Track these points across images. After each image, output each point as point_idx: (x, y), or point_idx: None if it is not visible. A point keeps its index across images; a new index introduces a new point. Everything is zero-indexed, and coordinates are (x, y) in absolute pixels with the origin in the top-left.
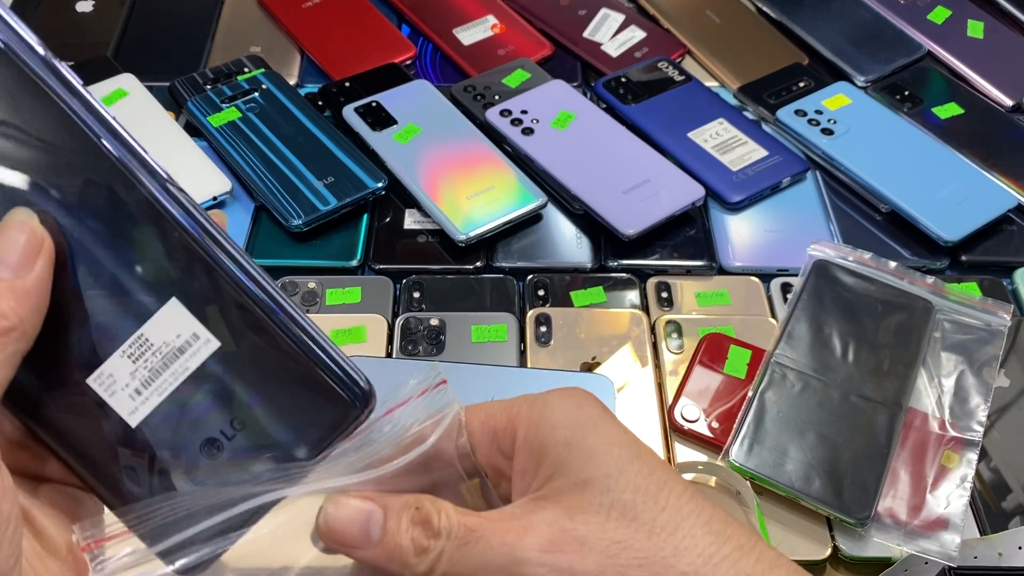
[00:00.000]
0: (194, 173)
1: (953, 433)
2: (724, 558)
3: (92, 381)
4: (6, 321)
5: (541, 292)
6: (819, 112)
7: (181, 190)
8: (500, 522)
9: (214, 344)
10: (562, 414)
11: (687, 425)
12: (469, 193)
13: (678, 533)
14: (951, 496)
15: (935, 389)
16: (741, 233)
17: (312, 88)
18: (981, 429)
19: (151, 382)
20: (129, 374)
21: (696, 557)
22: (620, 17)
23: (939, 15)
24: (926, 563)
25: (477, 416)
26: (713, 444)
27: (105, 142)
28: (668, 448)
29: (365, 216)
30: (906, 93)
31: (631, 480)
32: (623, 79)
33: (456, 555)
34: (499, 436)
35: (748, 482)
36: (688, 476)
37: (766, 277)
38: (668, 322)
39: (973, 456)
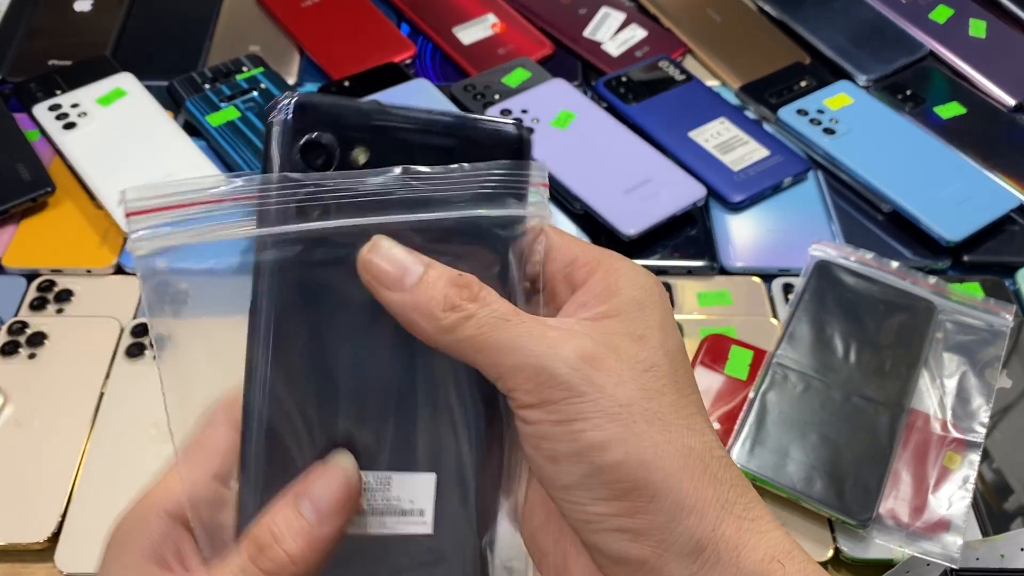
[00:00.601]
0: (192, 173)
1: (955, 434)
2: (720, 457)
3: None
4: (293, 567)
5: None
6: (821, 112)
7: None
8: (547, 322)
9: (426, 530)
10: (645, 281)
11: None
12: None
13: (694, 417)
14: (953, 497)
15: (937, 390)
16: (742, 233)
17: (311, 87)
18: (983, 430)
19: (363, 516)
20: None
21: (702, 442)
22: (621, 16)
23: (941, 14)
24: (928, 564)
25: (563, 238)
26: None
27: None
28: None
29: None
30: (908, 92)
31: (674, 361)
32: (624, 78)
33: (488, 324)
34: (576, 266)
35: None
36: None
37: (767, 277)
38: None
39: (975, 457)
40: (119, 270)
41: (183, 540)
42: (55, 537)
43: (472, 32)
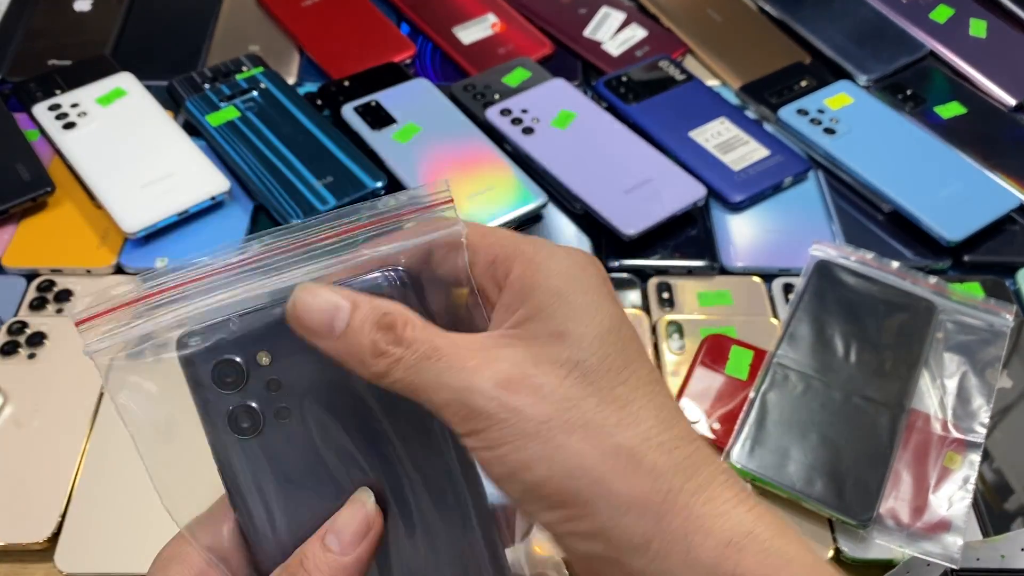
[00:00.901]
0: (193, 173)
1: (956, 435)
2: (661, 444)
3: None
4: None
5: None
6: (821, 111)
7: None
8: (465, 348)
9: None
10: (563, 266)
11: None
12: (469, 193)
13: (627, 408)
14: (953, 498)
15: (937, 390)
16: (743, 233)
17: (311, 87)
18: (983, 431)
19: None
20: None
21: (635, 435)
22: (621, 16)
23: (941, 14)
24: (928, 565)
25: (484, 238)
26: (714, 445)
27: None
28: None
29: None
30: (908, 92)
31: (601, 347)
32: (624, 78)
33: (414, 366)
34: (497, 264)
35: (749, 484)
36: None
37: (768, 277)
38: (669, 322)
39: (976, 457)
40: (119, 270)
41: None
42: (55, 537)
43: (472, 32)
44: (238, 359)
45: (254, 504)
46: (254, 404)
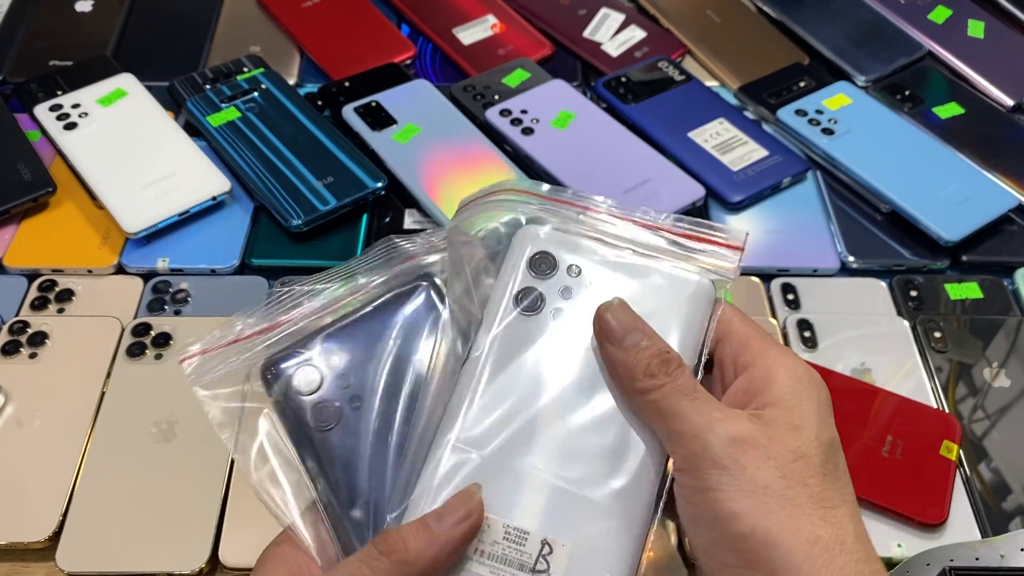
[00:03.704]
0: (193, 173)
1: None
2: (852, 551)
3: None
4: (408, 557)
5: None
6: (819, 112)
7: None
8: (715, 402)
9: None
10: (803, 373)
11: None
12: (469, 193)
13: (833, 511)
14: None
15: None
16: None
17: (312, 88)
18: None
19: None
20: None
21: (834, 535)
22: (620, 17)
23: (940, 15)
24: (928, 564)
25: (740, 319)
26: None
27: None
28: None
29: (365, 216)
30: (907, 93)
31: (824, 454)
32: (623, 79)
33: (672, 396)
34: (741, 352)
35: None
36: None
37: (767, 277)
38: None
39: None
40: (120, 270)
41: (315, 568)
42: (56, 536)
43: (472, 33)
44: (316, 366)
45: (338, 488)
46: (336, 402)
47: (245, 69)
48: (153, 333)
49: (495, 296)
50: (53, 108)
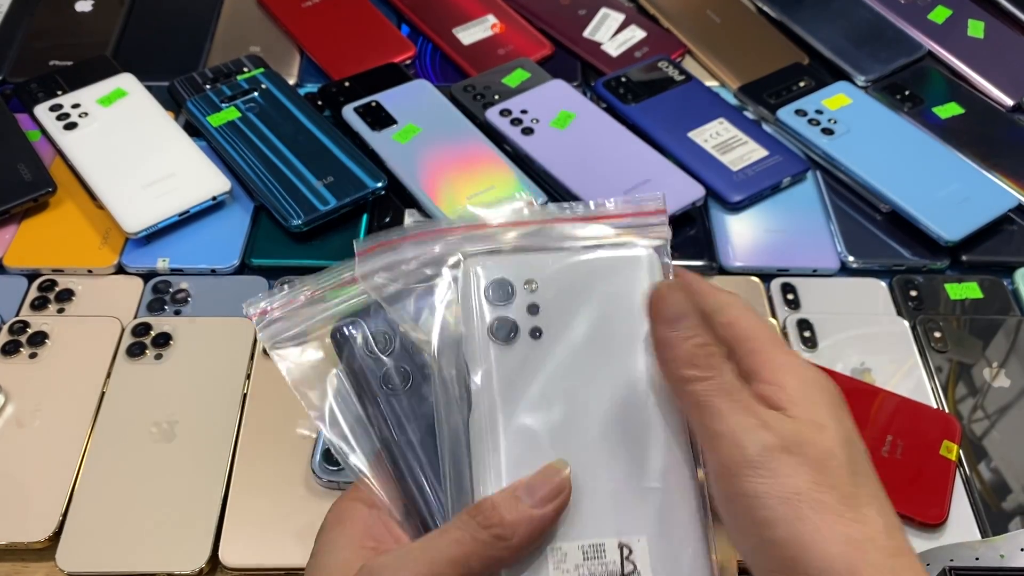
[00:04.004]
0: (194, 173)
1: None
2: (883, 548)
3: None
4: (505, 531)
5: None
6: (819, 112)
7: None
8: (755, 405)
9: None
10: (814, 371)
11: None
12: (469, 193)
13: (860, 510)
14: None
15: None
16: (741, 233)
17: (312, 88)
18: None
19: None
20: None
21: (864, 533)
22: (620, 16)
23: (939, 15)
24: (928, 564)
25: (747, 320)
26: None
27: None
28: None
29: (365, 216)
30: (906, 93)
31: (848, 452)
32: (623, 79)
33: (712, 391)
34: (746, 358)
35: None
36: None
37: (766, 277)
38: None
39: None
40: (120, 270)
41: (389, 523)
42: (56, 536)
43: (472, 33)
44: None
45: (414, 449)
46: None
47: (245, 69)
48: (153, 333)
49: (470, 339)
50: (53, 108)
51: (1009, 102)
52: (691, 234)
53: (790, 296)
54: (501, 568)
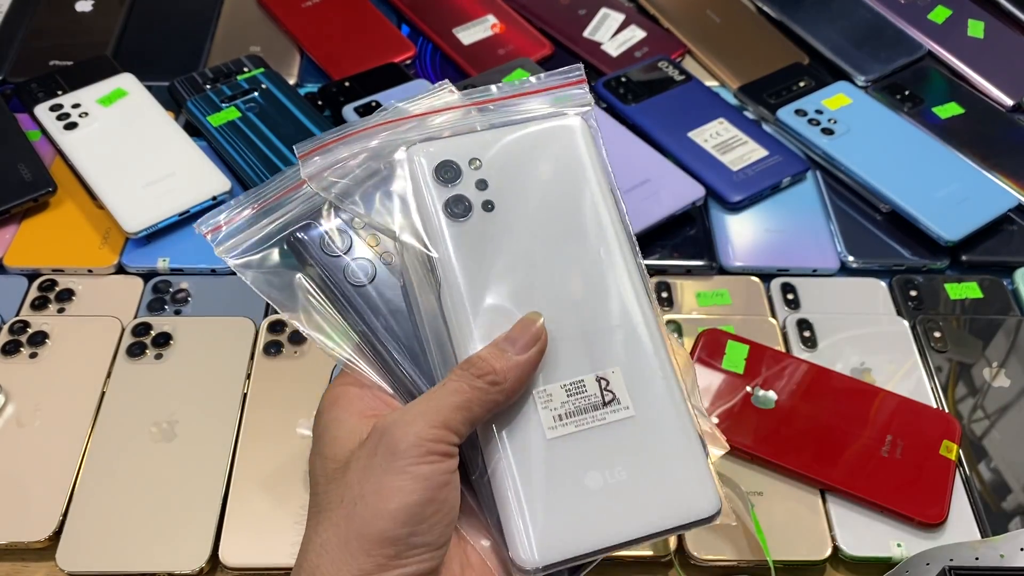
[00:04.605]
0: (194, 173)
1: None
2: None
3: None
4: (498, 378)
5: None
6: (819, 112)
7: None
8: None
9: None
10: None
11: None
12: None
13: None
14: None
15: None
16: (741, 233)
17: (312, 88)
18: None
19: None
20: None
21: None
22: (620, 17)
23: (939, 15)
24: (928, 564)
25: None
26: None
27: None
28: None
29: None
30: (906, 93)
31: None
32: (623, 79)
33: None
34: None
35: (741, 485)
36: None
37: (766, 277)
38: (668, 322)
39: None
40: (120, 270)
41: (382, 396)
42: (56, 536)
43: (472, 33)
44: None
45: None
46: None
47: (245, 69)
48: (153, 333)
49: (428, 222)
50: (53, 108)
51: (1009, 102)
52: (691, 234)
53: (790, 296)
54: (498, 410)
